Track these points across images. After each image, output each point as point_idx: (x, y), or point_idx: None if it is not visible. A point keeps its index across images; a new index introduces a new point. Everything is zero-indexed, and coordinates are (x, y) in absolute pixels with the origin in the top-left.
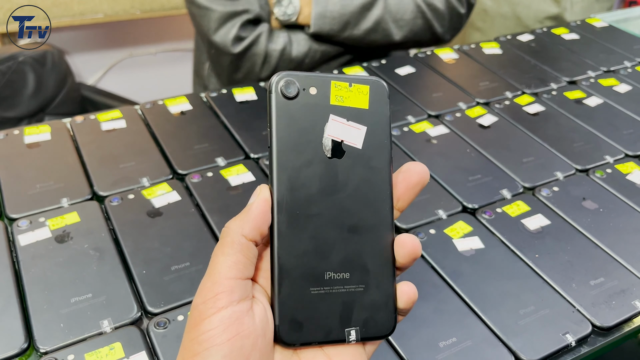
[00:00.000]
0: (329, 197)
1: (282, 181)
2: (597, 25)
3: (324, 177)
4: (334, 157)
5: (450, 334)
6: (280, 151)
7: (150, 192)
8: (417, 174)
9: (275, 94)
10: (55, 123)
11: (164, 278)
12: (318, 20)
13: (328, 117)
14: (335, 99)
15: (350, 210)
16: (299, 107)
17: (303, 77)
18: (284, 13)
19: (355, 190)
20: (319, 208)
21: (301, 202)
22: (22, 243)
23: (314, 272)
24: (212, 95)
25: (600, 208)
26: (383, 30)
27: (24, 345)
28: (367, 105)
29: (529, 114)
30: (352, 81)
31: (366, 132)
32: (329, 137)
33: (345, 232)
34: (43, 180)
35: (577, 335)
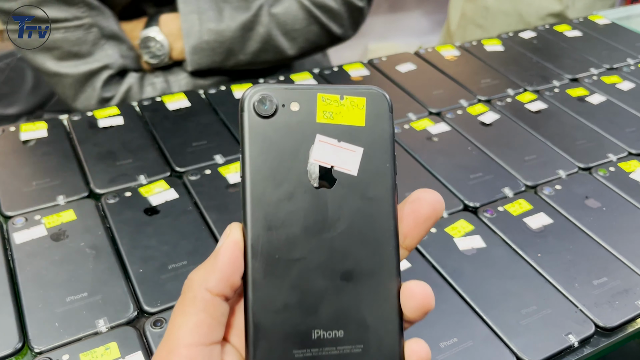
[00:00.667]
0: (316, 236)
1: (258, 218)
2: (600, 22)
3: (310, 212)
4: (323, 187)
5: (451, 334)
6: (255, 181)
7: (148, 189)
8: (428, 204)
9: (247, 112)
10: (51, 120)
11: (161, 277)
12: (194, 55)
13: (314, 138)
14: (323, 115)
15: (343, 253)
16: (277, 127)
17: (282, 91)
18: (154, 55)
19: (349, 227)
20: (304, 251)
21: (281, 244)
22: (17, 241)
23: (298, 330)
24: (210, 92)
25: (603, 207)
26: (274, 48)
27: (18, 344)
28: (364, 122)
29: (531, 111)
30: (344, 92)
31: (363, 155)
32: (316, 163)
33: (337, 280)
34: (39, 177)
35: (580, 335)
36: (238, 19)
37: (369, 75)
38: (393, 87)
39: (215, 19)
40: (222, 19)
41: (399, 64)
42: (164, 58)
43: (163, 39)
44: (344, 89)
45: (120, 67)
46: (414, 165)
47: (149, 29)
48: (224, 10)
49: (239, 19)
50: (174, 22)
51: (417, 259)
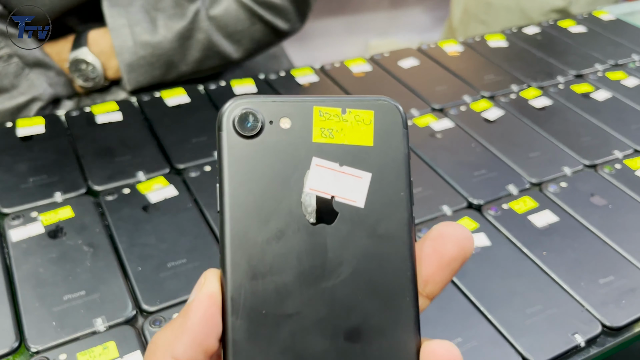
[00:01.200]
0: (313, 286)
1: (240, 264)
2: (604, 18)
3: (306, 254)
4: (321, 222)
5: (455, 334)
6: (237, 217)
7: (147, 186)
8: (455, 242)
9: (226, 131)
10: (49, 115)
11: (160, 275)
12: (131, 73)
13: (309, 161)
14: (321, 133)
15: (348, 306)
16: (264, 149)
17: (269, 104)
18: (87, 78)
19: (355, 273)
20: (299, 304)
21: (270, 296)
22: (14, 239)
23: None
24: (210, 87)
25: (609, 204)
26: (218, 53)
27: (14, 344)
28: (372, 141)
29: (536, 108)
30: (347, 105)
31: (371, 181)
32: (312, 192)
33: (340, 341)
34: (36, 174)
35: (587, 335)
36: (174, 28)
37: (371, 71)
38: (395, 82)
39: (149, 30)
40: (157, 29)
41: (402, 59)
42: (99, 80)
43: (94, 59)
44: (346, 100)
45: (51, 96)
46: (417, 162)
47: (77, 51)
48: (157, 19)
49: (175, 28)
50: (104, 38)
51: None
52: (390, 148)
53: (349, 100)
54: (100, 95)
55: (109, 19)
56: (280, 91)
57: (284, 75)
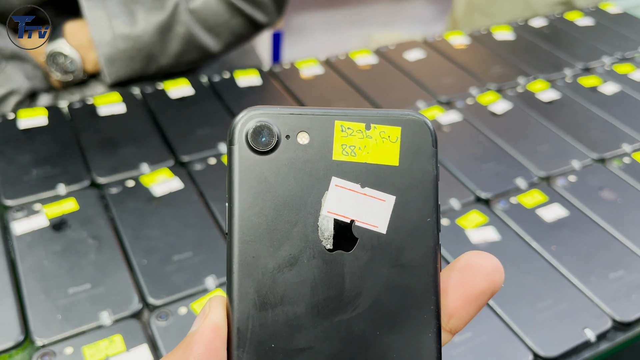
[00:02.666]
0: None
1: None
2: (611, 11)
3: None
4: (339, 248)
5: (465, 329)
6: (246, 240)
7: (151, 179)
8: (484, 275)
9: (238, 145)
10: (51, 107)
11: (166, 268)
12: (111, 67)
13: (329, 181)
14: (342, 150)
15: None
16: (278, 166)
17: (286, 117)
18: (65, 71)
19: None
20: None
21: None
22: (18, 231)
23: None
24: (214, 79)
25: (618, 199)
26: (198, 47)
27: (19, 337)
28: (397, 161)
29: (543, 101)
30: (371, 120)
31: (395, 205)
32: (330, 215)
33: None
34: (39, 166)
35: (597, 330)
36: (153, 20)
37: (377, 63)
38: (401, 75)
39: (128, 23)
40: (136, 22)
41: (407, 51)
42: (77, 73)
43: (72, 51)
44: (371, 114)
45: (28, 90)
46: None
47: (54, 43)
48: (136, 12)
49: (154, 21)
50: (81, 31)
51: None
52: (418, 169)
53: (374, 115)
54: (79, 89)
55: (86, 12)
56: (285, 83)
57: (288, 68)
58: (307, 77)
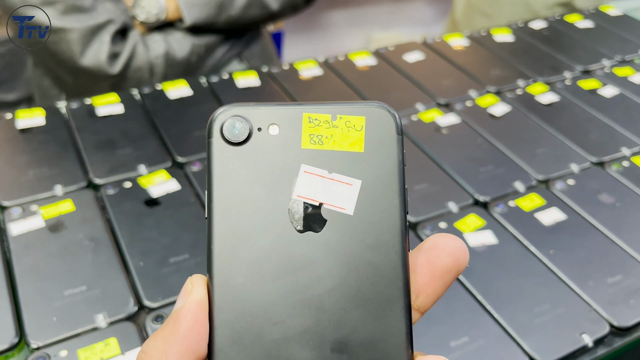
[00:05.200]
0: (300, 294)
1: (226, 271)
2: (611, 13)
3: (293, 262)
4: (309, 229)
5: (462, 333)
6: (223, 225)
7: (148, 180)
8: (449, 253)
9: (215, 138)
10: (49, 107)
11: (162, 270)
12: (190, 10)
13: (298, 168)
14: (310, 139)
15: (336, 316)
16: (251, 155)
17: (257, 110)
18: (149, 14)
19: (343, 282)
20: (285, 313)
21: (255, 305)
22: (14, 232)
23: None
24: (212, 80)
25: (617, 202)
26: (259, 3)
27: (14, 339)
28: (363, 147)
29: (542, 104)
30: (337, 111)
31: (361, 188)
32: (300, 199)
33: (327, 352)
34: (36, 166)
35: (595, 335)
36: None
37: (376, 65)
38: (400, 77)
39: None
40: None
41: (406, 53)
42: (160, 15)
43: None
44: (337, 106)
45: (124, 24)
46: (422, 158)
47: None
48: None
49: None
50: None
51: None
52: (383, 155)
53: (340, 107)
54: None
55: None
56: (283, 85)
57: (287, 69)
58: (306, 78)
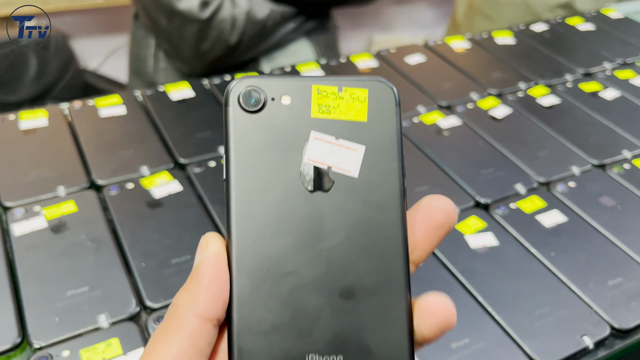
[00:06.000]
0: (311, 247)
1: (244, 227)
2: (613, 16)
3: (304, 218)
4: (318, 190)
5: (463, 335)
6: (241, 184)
7: (150, 181)
8: (441, 211)
9: (232, 107)
10: (52, 108)
11: (164, 271)
12: None
13: (308, 134)
14: (319, 109)
15: (343, 266)
16: (266, 123)
17: (271, 82)
18: None
19: (349, 236)
20: (297, 264)
21: (271, 256)
22: (17, 233)
23: (289, 355)
24: (215, 82)
25: (618, 205)
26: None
27: (17, 339)
28: (366, 117)
29: (544, 106)
30: (343, 84)
31: (365, 154)
32: (310, 163)
33: (336, 298)
34: (39, 167)
35: (595, 337)
36: None
37: (377, 67)
38: (402, 79)
39: None
40: None
41: (408, 55)
42: None
43: None
44: (343, 79)
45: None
46: (423, 160)
47: None
48: None
49: None
50: None
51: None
52: (383, 123)
53: (346, 80)
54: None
55: None
56: None
57: (289, 71)
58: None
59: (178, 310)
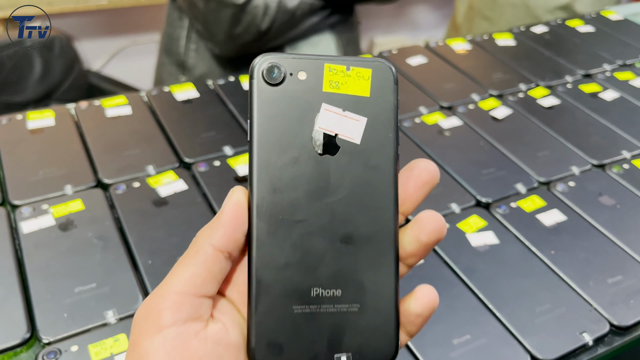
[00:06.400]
0: (318, 200)
1: (263, 181)
2: (612, 18)
3: (314, 177)
4: (326, 153)
5: (464, 331)
6: (262, 146)
7: (156, 180)
8: (426, 171)
9: (256, 79)
10: (59, 108)
11: (171, 268)
12: None
13: (320, 106)
14: (329, 85)
15: (344, 217)
16: (284, 94)
17: (290, 60)
18: None
19: (351, 193)
20: (307, 213)
21: (285, 206)
22: (25, 230)
23: (298, 287)
24: (219, 82)
25: (617, 204)
26: None
27: (26, 335)
28: (369, 93)
29: (544, 107)
30: (350, 64)
31: (366, 124)
32: (321, 130)
33: (337, 242)
34: (46, 166)
35: (595, 334)
36: None
37: None
38: (404, 80)
39: None
40: None
41: (410, 57)
42: None
43: None
44: (350, 60)
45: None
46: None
47: None
48: None
49: None
50: None
51: (429, 254)
52: (383, 99)
53: (352, 60)
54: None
55: None
56: None
57: None
58: None
59: (197, 241)
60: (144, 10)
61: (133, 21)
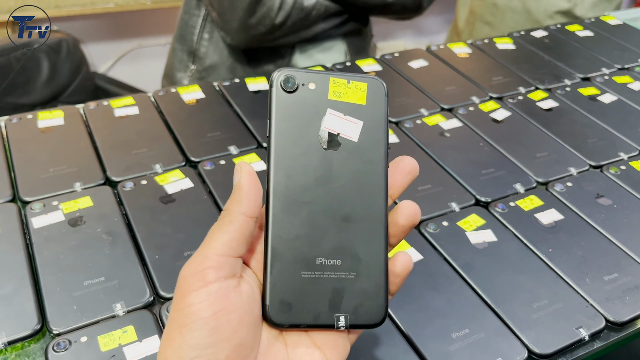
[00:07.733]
0: (323, 186)
1: (279, 168)
2: (611, 22)
3: (320, 167)
4: (330, 148)
5: (463, 326)
6: (278, 141)
7: (163, 178)
8: (409, 164)
9: (275, 87)
10: (68, 108)
11: (177, 263)
12: None
13: (326, 110)
14: (334, 94)
15: (344, 200)
16: (297, 100)
17: (303, 74)
18: None
19: (349, 180)
20: (313, 196)
21: (296, 189)
22: (36, 225)
23: (305, 256)
24: (224, 84)
25: (614, 204)
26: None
27: (37, 326)
28: (365, 102)
29: (543, 109)
30: (350, 78)
31: (363, 126)
32: (326, 130)
33: (338, 220)
34: (56, 164)
35: (591, 329)
36: None
37: (381, 71)
38: (405, 82)
39: None
40: None
41: (411, 60)
42: None
43: None
44: (350, 75)
45: None
46: (426, 159)
47: None
48: None
49: None
50: None
51: (429, 251)
52: (376, 107)
53: (352, 76)
54: None
55: None
56: None
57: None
58: None
59: (229, 212)
60: (150, 13)
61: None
